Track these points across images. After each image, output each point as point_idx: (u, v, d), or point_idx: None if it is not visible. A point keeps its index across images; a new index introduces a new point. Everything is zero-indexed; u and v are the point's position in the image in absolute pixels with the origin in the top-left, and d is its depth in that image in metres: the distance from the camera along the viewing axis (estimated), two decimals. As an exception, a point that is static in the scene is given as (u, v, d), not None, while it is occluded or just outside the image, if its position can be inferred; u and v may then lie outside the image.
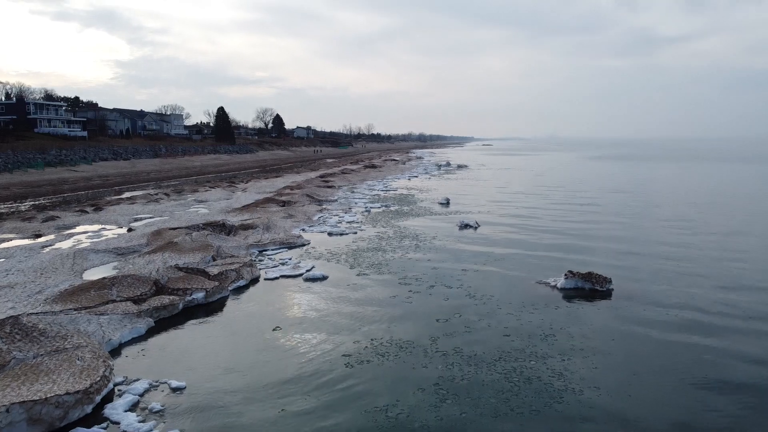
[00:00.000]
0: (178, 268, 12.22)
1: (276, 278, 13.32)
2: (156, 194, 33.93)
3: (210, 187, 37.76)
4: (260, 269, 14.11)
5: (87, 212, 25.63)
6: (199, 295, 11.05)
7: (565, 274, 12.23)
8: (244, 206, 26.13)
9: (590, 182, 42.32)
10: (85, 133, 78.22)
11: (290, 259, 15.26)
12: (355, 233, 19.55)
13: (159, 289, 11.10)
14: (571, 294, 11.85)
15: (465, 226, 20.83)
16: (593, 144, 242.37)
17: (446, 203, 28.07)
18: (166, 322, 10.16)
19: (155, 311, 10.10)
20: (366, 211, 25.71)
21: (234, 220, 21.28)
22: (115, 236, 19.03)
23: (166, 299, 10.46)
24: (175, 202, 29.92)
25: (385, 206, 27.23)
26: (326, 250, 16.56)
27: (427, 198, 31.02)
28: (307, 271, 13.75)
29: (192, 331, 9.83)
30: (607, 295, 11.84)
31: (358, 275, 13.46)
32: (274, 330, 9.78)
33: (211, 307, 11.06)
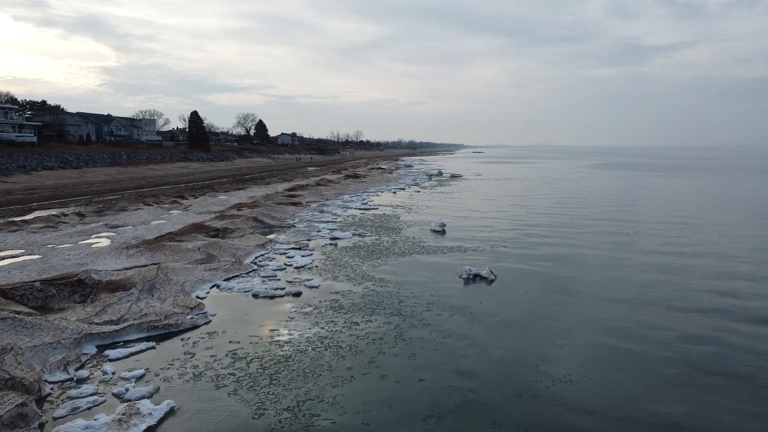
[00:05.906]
0: None
1: (61, 458, 5.75)
2: (66, 215, 26.11)
3: (145, 205, 29.97)
4: (52, 418, 6.54)
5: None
6: None
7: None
8: (157, 237, 18.45)
9: (623, 197, 35.04)
10: (35, 139, 69.93)
11: (145, 372, 7.64)
12: (299, 294, 12.04)
13: None
14: None
15: (473, 277, 13.42)
16: (584, 152, 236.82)
17: (441, 231, 20.65)
18: None
19: None
20: (331, 243, 18.24)
21: (116, 266, 13.67)
22: None
23: None
24: (79, 228, 22.17)
25: (359, 235, 19.74)
26: (230, 342, 9.01)
27: (415, 221, 23.54)
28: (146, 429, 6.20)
29: None
30: None
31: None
32: None
33: None
